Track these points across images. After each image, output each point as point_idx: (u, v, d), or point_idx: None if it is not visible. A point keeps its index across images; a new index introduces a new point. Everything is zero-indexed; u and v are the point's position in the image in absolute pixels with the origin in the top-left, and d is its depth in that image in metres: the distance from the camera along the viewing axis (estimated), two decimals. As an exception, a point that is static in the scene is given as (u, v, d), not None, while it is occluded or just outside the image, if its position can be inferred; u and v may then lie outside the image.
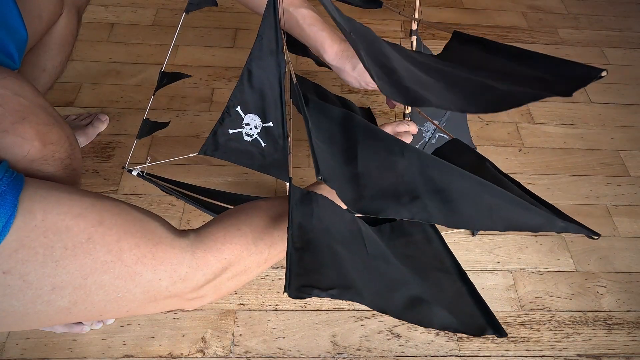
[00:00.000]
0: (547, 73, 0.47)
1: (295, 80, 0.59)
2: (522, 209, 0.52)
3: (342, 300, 0.50)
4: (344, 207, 0.66)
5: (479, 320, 0.56)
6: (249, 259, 0.52)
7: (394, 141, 0.61)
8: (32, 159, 0.55)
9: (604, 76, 0.40)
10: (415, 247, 0.70)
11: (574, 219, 0.51)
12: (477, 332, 0.55)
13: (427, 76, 0.60)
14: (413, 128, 0.75)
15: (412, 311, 0.55)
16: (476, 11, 1.55)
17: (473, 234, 0.98)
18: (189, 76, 0.69)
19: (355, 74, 0.75)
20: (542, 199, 0.54)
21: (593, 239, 0.48)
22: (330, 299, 0.47)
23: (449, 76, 0.58)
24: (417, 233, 0.73)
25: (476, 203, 0.55)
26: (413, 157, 0.60)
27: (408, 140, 0.73)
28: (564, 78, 0.44)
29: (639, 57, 1.45)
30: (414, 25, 0.72)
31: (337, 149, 0.59)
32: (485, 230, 0.54)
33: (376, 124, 1.13)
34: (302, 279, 0.50)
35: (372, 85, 0.77)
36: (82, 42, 1.28)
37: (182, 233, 0.50)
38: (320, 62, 0.89)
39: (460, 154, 0.64)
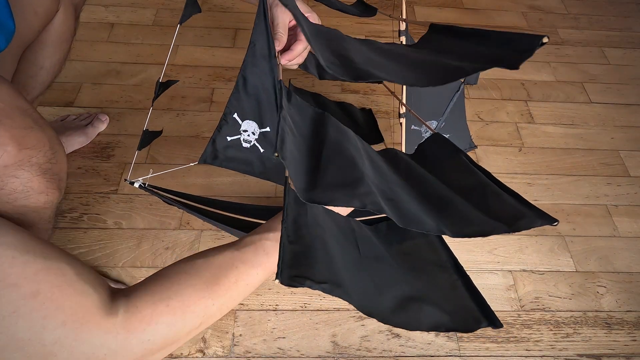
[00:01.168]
0: (499, 48, 0.50)
1: (280, 78, 0.60)
2: (470, 221, 0.53)
3: (333, 296, 0.50)
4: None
5: (474, 312, 0.57)
6: (177, 334, 0.49)
7: (361, 147, 0.63)
8: (5, 165, 0.53)
9: (545, 42, 0.43)
10: (412, 242, 0.71)
11: (532, 211, 0.51)
12: (471, 326, 0.55)
13: (385, 60, 0.62)
14: None
15: (400, 313, 0.56)
16: (476, 11, 1.55)
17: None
18: (177, 81, 0.69)
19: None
20: (510, 189, 0.55)
21: (553, 225, 0.49)
22: (322, 292, 0.47)
23: (409, 59, 0.60)
24: (413, 233, 0.74)
25: (431, 209, 0.56)
26: (378, 162, 0.62)
27: None
28: (513, 52, 0.47)
29: (639, 57, 1.45)
30: (402, 26, 0.73)
31: (305, 143, 0.60)
32: (434, 233, 0.55)
33: (377, 125, 1.14)
34: (295, 269, 0.50)
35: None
36: (82, 42, 1.28)
37: (112, 308, 0.46)
38: (322, 75, 0.89)
39: (438, 146, 0.65)
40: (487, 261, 0.95)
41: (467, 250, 0.96)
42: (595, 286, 0.93)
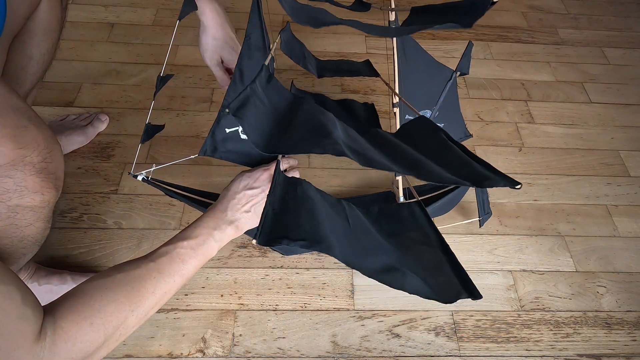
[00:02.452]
0: (460, 14, 0.57)
1: (267, 63, 0.63)
2: (438, 175, 0.56)
3: (311, 251, 0.52)
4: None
5: (455, 286, 0.59)
6: (97, 347, 0.51)
7: (338, 123, 0.65)
8: None
9: (495, 1, 0.50)
10: (401, 223, 0.73)
11: (498, 175, 0.53)
12: (451, 298, 0.58)
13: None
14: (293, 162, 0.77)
15: (385, 274, 0.59)
16: (476, 11, 1.55)
17: (480, 225, 0.97)
18: (172, 75, 0.71)
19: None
20: (484, 160, 0.57)
21: (515, 189, 0.50)
22: (302, 249, 0.49)
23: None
24: (403, 211, 0.76)
25: (395, 158, 0.59)
26: (353, 134, 0.65)
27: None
28: (470, 15, 0.54)
29: (639, 57, 1.45)
30: (392, 17, 0.74)
31: (277, 114, 0.63)
32: (398, 174, 0.58)
33: (378, 120, 1.14)
34: (273, 233, 0.53)
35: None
36: (82, 42, 1.28)
37: (41, 331, 0.47)
38: (321, 74, 0.90)
39: (420, 127, 0.68)
40: (487, 261, 0.95)
41: (466, 250, 0.96)
42: (595, 286, 0.93)
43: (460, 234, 0.98)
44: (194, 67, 1.26)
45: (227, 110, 0.51)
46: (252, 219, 0.66)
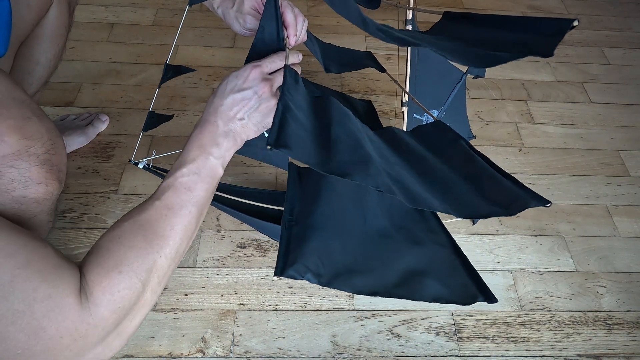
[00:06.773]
0: (526, 33, 0.49)
1: (288, 63, 0.61)
2: (470, 204, 0.54)
3: (330, 288, 0.51)
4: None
5: (471, 289, 0.59)
6: (140, 294, 0.50)
7: (361, 128, 0.64)
8: (3, 155, 0.54)
9: (575, 25, 0.42)
10: (410, 218, 0.72)
11: (527, 193, 0.52)
12: (468, 301, 0.57)
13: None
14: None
15: (403, 286, 0.58)
16: (476, 11, 1.55)
17: (473, 223, 0.98)
18: (194, 70, 0.68)
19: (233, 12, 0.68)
20: (507, 173, 0.56)
21: (546, 206, 0.49)
22: (320, 286, 0.48)
23: (435, 44, 0.62)
24: (413, 210, 0.75)
25: (433, 189, 0.57)
26: (378, 143, 0.64)
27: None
28: (543, 36, 0.46)
29: (639, 57, 1.45)
30: (409, 15, 0.73)
31: (312, 122, 0.61)
32: (443, 212, 0.57)
33: (377, 118, 1.14)
34: (294, 257, 0.52)
35: (249, 26, 0.70)
36: (82, 42, 1.28)
37: (82, 286, 0.48)
38: (328, 68, 0.90)
39: (439, 133, 0.66)
40: (487, 261, 0.95)
41: (467, 250, 0.95)
42: (595, 286, 0.93)
43: (461, 234, 0.98)
44: (194, 67, 1.25)
45: (268, 147, 0.48)
46: (248, 128, 0.59)
